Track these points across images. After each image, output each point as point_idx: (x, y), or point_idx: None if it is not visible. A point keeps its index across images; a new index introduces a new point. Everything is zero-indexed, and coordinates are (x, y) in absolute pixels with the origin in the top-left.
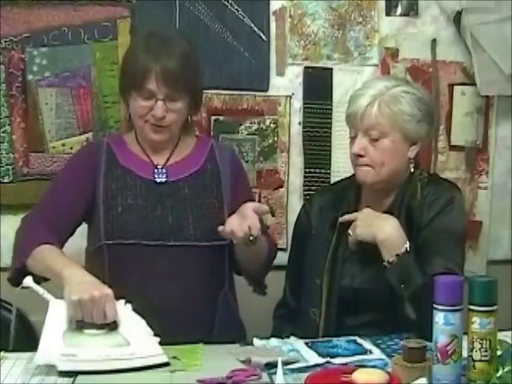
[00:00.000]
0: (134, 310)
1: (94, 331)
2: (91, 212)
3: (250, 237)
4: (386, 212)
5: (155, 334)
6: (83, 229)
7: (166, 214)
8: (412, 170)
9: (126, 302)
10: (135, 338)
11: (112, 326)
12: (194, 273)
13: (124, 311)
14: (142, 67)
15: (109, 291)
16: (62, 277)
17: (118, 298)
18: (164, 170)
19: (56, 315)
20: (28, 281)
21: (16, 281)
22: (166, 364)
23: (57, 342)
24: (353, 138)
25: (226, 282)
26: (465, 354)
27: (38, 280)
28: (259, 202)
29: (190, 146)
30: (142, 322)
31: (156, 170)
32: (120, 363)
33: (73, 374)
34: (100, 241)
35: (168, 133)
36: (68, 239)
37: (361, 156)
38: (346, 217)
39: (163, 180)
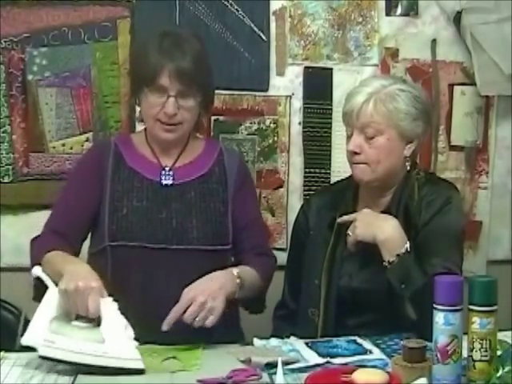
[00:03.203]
0: (121, 309)
1: (81, 324)
2: (98, 214)
3: None
4: (383, 212)
5: (151, 337)
6: None
7: (170, 217)
8: (408, 168)
9: (130, 302)
10: (112, 337)
11: (100, 322)
12: (195, 276)
13: (109, 309)
14: (155, 64)
15: (94, 284)
16: (63, 272)
17: (119, 299)
18: (171, 172)
19: (49, 301)
20: (36, 271)
21: (38, 297)
22: (141, 371)
23: (43, 326)
24: (349, 136)
25: None
26: (465, 353)
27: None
28: (259, 201)
29: (199, 148)
30: (125, 323)
31: (163, 172)
32: (92, 359)
33: (53, 361)
34: (104, 242)
35: (179, 132)
36: (83, 242)
37: (356, 154)
38: (345, 217)
39: (169, 182)
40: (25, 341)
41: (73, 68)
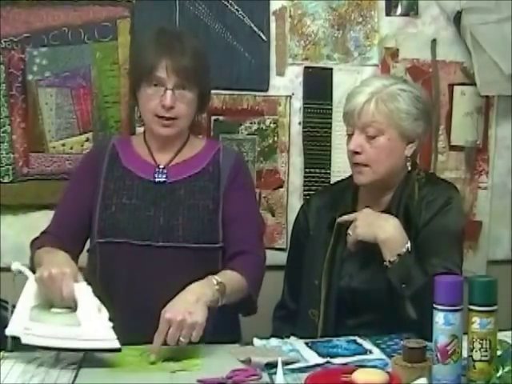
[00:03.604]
0: (108, 305)
1: (59, 310)
2: (93, 213)
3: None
4: (383, 212)
5: (137, 335)
6: None
7: (158, 215)
8: (409, 168)
9: (117, 298)
10: (87, 319)
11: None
12: (182, 274)
13: (83, 292)
14: (153, 58)
15: (67, 269)
16: (42, 263)
17: (107, 294)
18: (165, 170)
19: (29, 291)
20: (16, 265)
21: None
22: (118, 350)
23: (24, 316)
24: (350, 136)
25: None
26: (465, 354)
27: None
28: (259, 201)
29: (198, 147)
30: (99, 304)
31: (157, 170)
32: (69, 343)
33: (35, 348)
34: (94, 240)
35: (176, 128)
36: (84, 243)
37: (357, 153)
38: (346, 217)
39: (162, 180)
40: (8, 331)
41: (73, 68)
